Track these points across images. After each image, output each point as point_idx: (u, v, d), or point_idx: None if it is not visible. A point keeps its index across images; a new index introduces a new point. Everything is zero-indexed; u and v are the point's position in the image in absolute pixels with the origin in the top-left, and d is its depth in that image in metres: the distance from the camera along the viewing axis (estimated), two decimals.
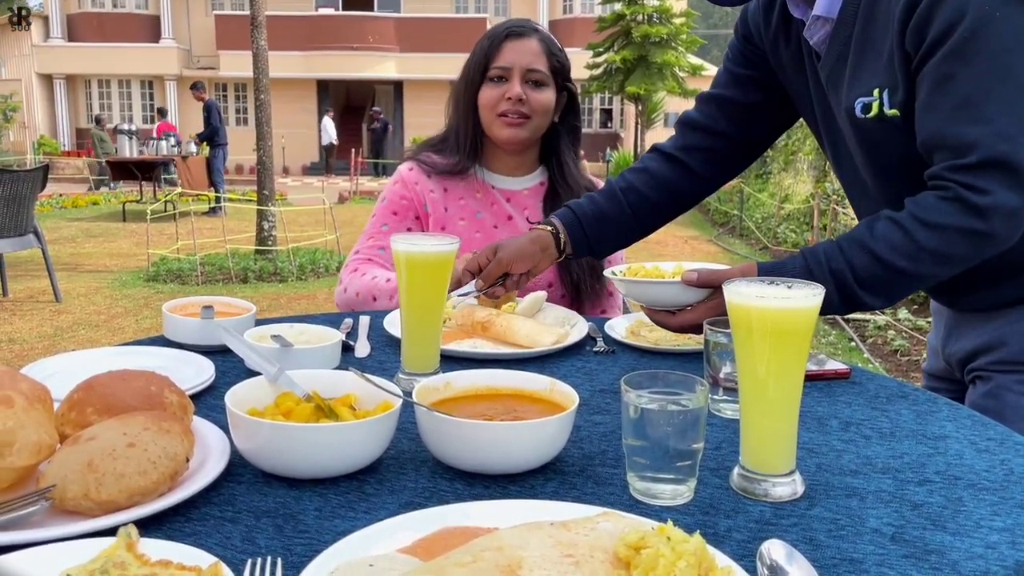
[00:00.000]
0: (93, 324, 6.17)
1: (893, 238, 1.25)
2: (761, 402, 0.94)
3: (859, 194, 1.49)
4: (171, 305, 1.44)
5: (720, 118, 1.63)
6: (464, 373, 1.10)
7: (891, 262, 1.24)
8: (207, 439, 0.98)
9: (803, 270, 1.28)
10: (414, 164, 2.01)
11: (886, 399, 1.27)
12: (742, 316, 0.92)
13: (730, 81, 1.63)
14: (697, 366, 1.42)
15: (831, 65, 1.37)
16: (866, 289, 1.27)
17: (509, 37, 1.92)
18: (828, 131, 1.47)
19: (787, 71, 1.52)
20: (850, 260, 1.26)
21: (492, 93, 1.91)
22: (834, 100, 1.39)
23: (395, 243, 1.24)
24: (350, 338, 1.52)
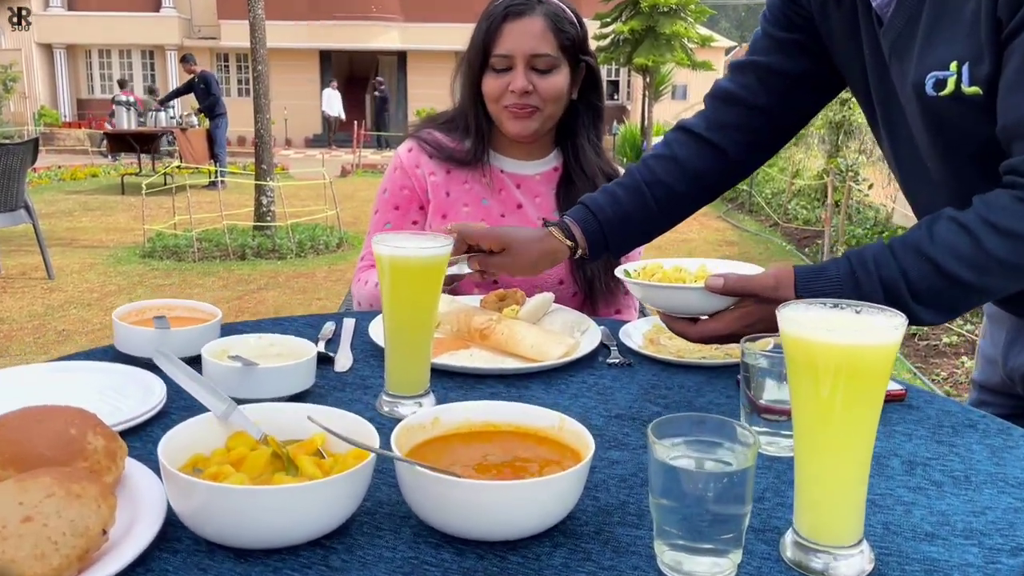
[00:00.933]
0: (85, 303, 6.00)
1: (957, 244, 1.05)
2: (823, 457, 0.75)
3: (919, 185, 1.29)
4: (122, 312, 1.26)
5: (759, 90, 1.41)
6: (456, 407, 0.92)
7: (953, 272, 1.05)
8: (140, 494, 0.80)
9: (847, 277, 1.10)
10: (414, 143, 1.81)
11: (952, 429, 1.09)
12: (801, 352, 0.73)
13: (771, 47, 1.41)
14: (728, 382, 1.24)
15: (898, 31, 1.16)
16: (922, 302, 1.08)
17: (508, 17, 1.67)
18: (885, 109, 1.26)
19: (836, 37, 1.30)
20: (904, 268, 1.07)
21: (495, 84, 1.69)
22: (897, 73, 1.18)
23: (376, 245, 1.05)
24: (331, 346, 1.34)
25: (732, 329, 1.16)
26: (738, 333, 1.15)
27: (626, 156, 17.95)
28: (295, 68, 28.13)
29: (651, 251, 1.86)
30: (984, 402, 1.52)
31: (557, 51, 1.68)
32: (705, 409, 1.14)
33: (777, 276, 1.13)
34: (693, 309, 1.20)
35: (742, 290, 1.14)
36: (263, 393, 1.08)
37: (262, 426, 0.87)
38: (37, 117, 24.93)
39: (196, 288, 6.48)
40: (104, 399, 1.05)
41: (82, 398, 1.06)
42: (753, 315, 1.15)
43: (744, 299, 1.16)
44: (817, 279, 1.11)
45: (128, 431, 0.98)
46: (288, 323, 1.45)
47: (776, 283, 1.12)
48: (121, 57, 29.34)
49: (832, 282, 1.10)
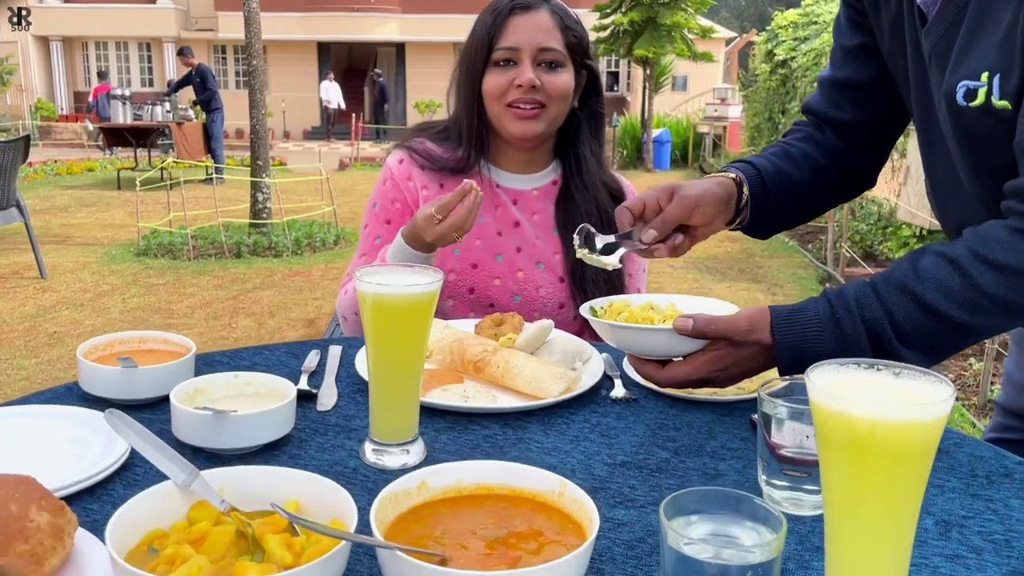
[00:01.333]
0: (77, 303, 5.91)
1: (946, 280, 0.97)
2: (859, 544, 0.66)
3: (950, 194, 1.20)
4: (89, 347, 1.17)
5: (844, 104, 1.35)
6: (446, 469, 0.83)
7: (942, 311, 0.97)
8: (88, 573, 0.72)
9: (827, 319, 1.02)
10: (404, 154, 1.70)
11: (986, 479, 1.00)
12: (834, 428, 0.64)
13: (843, 58, 1.34)
14: (741, 420, 1.15)
15: (940, 34, 1.07)
16: (908, 344, 1.00)
17: (515, 11, 1.59)
18: (922, 113, 1.18)
19: (884, 34, 1.22)
20: (889, 307, 0.99)
21: (499, 80, 1.59)
22: (935, 78, 1.10)
23: (358, 282, 0.96)
24: (315, 379, 1.25)
25: (702, 374, 1.09)
26: (708, 378, 1.09)
27: (625, 148, 17.82)
28: (293, 60, 27.96)
29: None
30: (1008, 427, 1.45)
31: (564, 48, 1.61)
32: (717, 453, 1.05)
33: (751, 318, 1.06)
34: (662, 351, 1.13)
35: (713, 333, 1.07)
36: (238, 442, 0.99)
37: (229, 492, 0.78)
38: (34, 110, 24.77)
39: (191, 288, 6.38)
40: (64, 450, 0.96)
41: (40, 450, 0.98)
42: (725, 359, 1.08)
43: (716, 341, 1.08)
44: (794, 321, 1.03)
45: (86, 491, 0.89)
46: (270, 352, 1.36)
47: (750, 325, 1.05)
48: (118, 49, 29.16)
49: (811, 324, 1.02)
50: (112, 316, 5.60)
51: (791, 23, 12.90)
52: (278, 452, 1.02)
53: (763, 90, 13.89)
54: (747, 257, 7.90)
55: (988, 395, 4.18)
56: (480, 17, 1.64)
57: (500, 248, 1.65)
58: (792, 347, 1.03)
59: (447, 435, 1.09)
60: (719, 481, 0.98)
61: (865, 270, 6.84)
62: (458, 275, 1.63)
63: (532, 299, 1.63)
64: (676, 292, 6.52)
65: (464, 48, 1.66)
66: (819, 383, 0.65)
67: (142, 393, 1.10)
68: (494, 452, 1.05)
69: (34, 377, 4.42)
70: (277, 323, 5.50)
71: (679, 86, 24.66)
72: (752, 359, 1.07)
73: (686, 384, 1.12)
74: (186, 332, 5.20)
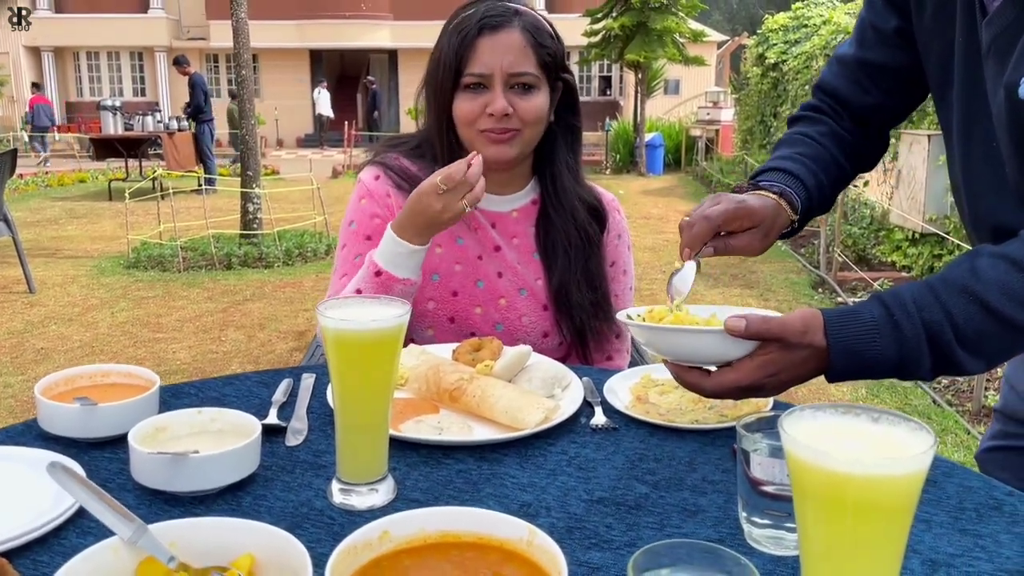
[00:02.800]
0: (66, 318, 5.86)
1: (1009, 281, 0.94)
2: None
3: (988, 191, 1.16)
4: (48, 383, 1.13)
5: (869, 85, 1.33)
6: (408, 517, 0.79)
7: (1006, 313, 0.94)
8: None
9: (884, 320, 0.96)
10: (379, 171, 1.62)
11: (975, 512, 0.96)
12: (809, 480, 0.61)
13: (874, 39, 1.31)
14: (723, 451, 1.12)
15: (1004, 25, 1.04)
16: (968, 348, 0.96)
17: (483, 31, 1.50)
18: (967, 105, 1.15)
19: (925, 15, 1.19)
20: (949, 310, 0.95)
21: (470, 107, 1.51)
22: (993, 69, 1.07)
23: (321, 316, 0.92)
24: (284, 412, 1.21)
25: (753, 379, 1.01)
26: (759, 384, 1.02)
27: (618, 153, 17.81)
28: (285, 68, 27.94)
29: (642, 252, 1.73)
30: (1009, 433, 1.41)
31: (537, 69, 1.52)
32: (698, 487, 1.02)
33: (805, 319, 0.99)
34: (706, 356, 1.05)
35: (767, 334, 0.99)
36: (199, 484, 0.95)
37: (179, 547, 0.74)
38: (24, 121, 24.70)
39: (180, 300, 6.34)
40: (16, 496, 0.93)
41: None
42: (777, 363, 1.00)
43: (765, 344, 1.01)
44: (849, 323, 0.98)
45: (35, 542, 0.86)
46: (239, 382, 1.32)
47: (804, 326, 0.98)
48: (110, 59, 29.12)
49: (867, 326, 0.96)
50: (100, 331, 5.55)
51: (782, 26, 12.92)
52: (241, 493, 0.98)
53: (755, 93, 13.90)
54: (740, 262, 7.87)
55: (983, 401, 4.16)
56: (446, 34, 1.55)
57: (481, 274, 1.59)
58: (847, 350, 0.97)
59: (419, 471, 1.06)
60: (699, 519, 0.95)
61: (858, 274, 6.82)
62: (437, 303, 1.57)
63: (515, 328, 1.58)
64: None
65: (430, 67, 1.57)
66: (792, 431, 0.62)
67: (102, 431, 1.06)
68: (467, 488, 1.01)
69: (20, 395, 4.37)
70: (267, 335, 5.46)
71: (671, 90, 24.67)
72: (804, 363, 1.00)
73: (735, 392, 1.04)
74: (175, 346, 5.18)
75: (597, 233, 1.64)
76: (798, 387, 4.23)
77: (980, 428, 3.91)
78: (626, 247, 1.71)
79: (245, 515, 0.91)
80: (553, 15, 20.75)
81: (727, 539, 0.90)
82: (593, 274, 1.62)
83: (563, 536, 0.90)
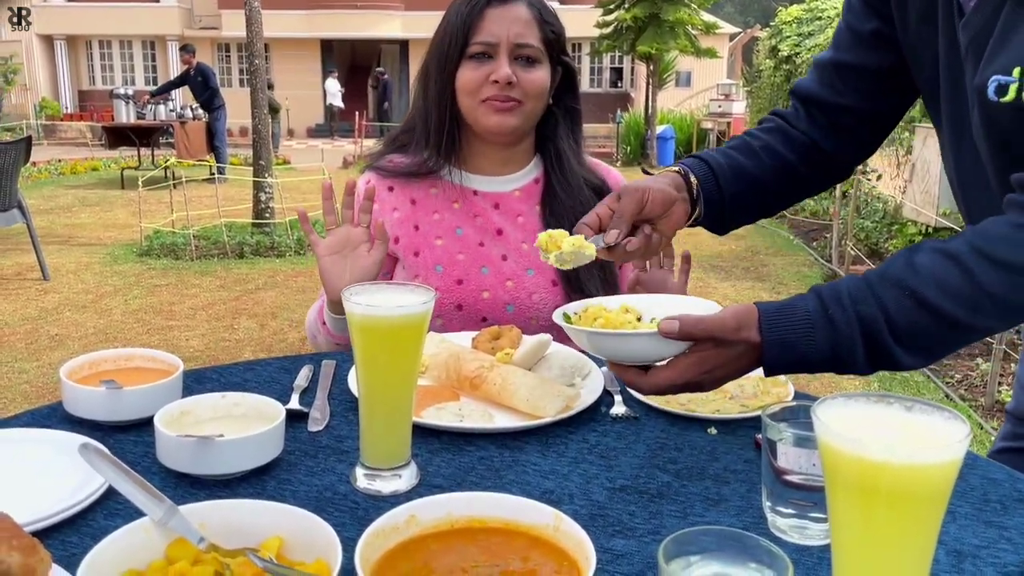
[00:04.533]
0: (80, 305, 5.89)
1: (945, 277, 0.93)
2: None
3: (977, 192, 1.16)
4: (73, 366, 1.13)
5: (844, 89, 1.31)
6: (435, 502, 0.79)
7: (941, 308, 0.93)
8: None
9: (819, 315, 0.96)
10: (372, 175, 1.65)
11: (1000, 505, 0.96)
12: (842, 468, 0.61)
13: (853, 41, 1.29)
14: (745, 440, 1.12)
15: (979, 26, 1.03)
16: (903, 344, 0.95)
17: (492, 2, 1.55)
18: (953, 108, 1.14)
19: (910, 23, 1.18)
20: (884, 304, 0.94)
21: (474, 75, 1.54)
22: (969, 70, 1.06)
23: (346, 301, 0.92)
24: (306, 398, 1.21)
25: (688, 377, 1.02)
26: (695, 381, 1.03)
27: (629, 145, 17.75)
28: (296, 58, 27.93)
29: None
30: (1019, 435, 1.41)
31: (540, 44, 1.56)
32: (721, 476, 1.02)
33: (738, 315, 0.99)
34: (643, 356, 1.05)
35: (701, 333, 0.99)
36: (224, 468, 0.96)
37: (209, 528, 0.75)
38: (38, 109, 24.79)
39: (193, 289, 6.36)
40: (43, 479, 0.93)
41: (19, 478, 0.95)
42: (711, 360, 1.01)
43: (700, 342, 1.01)
44: (784, 318, 0.97)
45: (65, 522, 0.86)
46: (261, 368, 1.33)
47: (737, 323, 0.99)
48: (122, 48, 29.16)
49: (801, 321, 0.96)
50: (114, 318, 5.58)
51: (795, 18, 12.83)
52: (266, 477, 0.99)
53: (767, 86, 13.82)
54: (751, 255, 7.85)
55: (996, 396, 4.14)
56: (454, 7, 1.58)
57: (484, 259, 1.60)
58: (781, 345, 0.97)
59: (441, 457, 1.06)
60: (722, 508, 0.95)
61: (870, 268, 6.80)
62: (444, 293, 1.58)
63: (526, 307, 1.59)
64: None
65: (435, 39, 1.61)
66: (825, 418, 0.61)
67: (127, 415, 1.07)
68: (489, 475, 1.02)
69: (35, 380, 4.40)
70: (279, 324, 5.47)
71: (683, 82, 24.55)
72: (739, 359, 1.01)
73: (672, 390, 1.05)
74: (188, 334, 5.20)
75: None
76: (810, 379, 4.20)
77: (993, 423, 3.90)
78: None
79: (270, 499, 0.91)
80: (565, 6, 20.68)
81: (751, 528, 0.90)
82: None
83: (586, 523, 0.90)
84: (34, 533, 0.79)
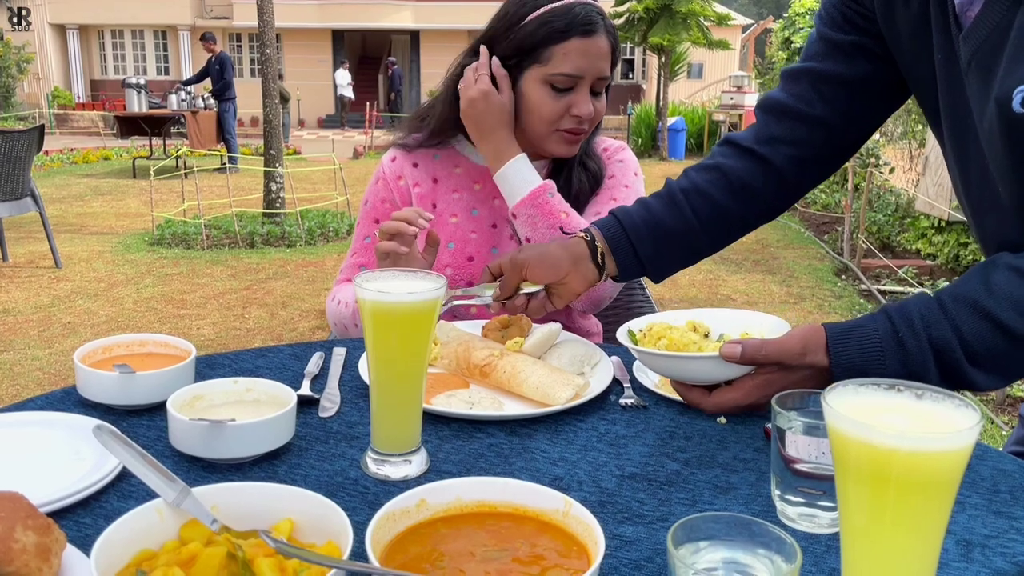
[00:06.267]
0: (92, 293, 5.93)
1: (1022, 298, 0.92)
2: (877, 570, 0.63)
3: (988, 209, 1.13)
4: (87, 351, 1.14)
5: (814, 99, 1.25)
6: (446, 486, 0.80)
7: (1017, 330, 0.91)
8: None
9: (890, 338, 0.96)
10: (397, 152, 1.67)
11: (1009, 495, 0.96)
12: (852, 455, 0.61)
13: (827, 51, 1.24)
14: (754, 430, 1.11)
15: (982, 39, 1.00)
16: (979, 365, 0.94)
17: (577, 34, 1.48)
18: (954, 123, 1.11)
19: (902, 39, 1.15)
20: (958, 326, 0.93)
21: (555, 106, 1.51)
22: (976, 85, 1.03)
23: (357, 289, 0.93)
24: (317, 384, 1.22)
25: (752, 399, 1.04)
26: (758, 404, 1.04)
27: (640, 137, 17.70)
28: (307, 48, 27.96)
29: None
30: None
31: (610, 71, 1.56)
32: (730, 465, 1.02)
33: (805, 339, 1.00)
34: (709, 378, 1.08)
35: (763, 359, 1.01)
36: (236, 452, 0.96)
37: (221, 510, 0.76)
38: (51, 98, 24.89)
39: (204, 278, 6.39)
40: (57, 461, 0.94)
41: (33, 460, 0.96)
42: (775, 384, 1.02)
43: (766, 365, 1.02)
44: (853, 341, 0.98)
45: (79, 503, 0.87)
46: (273, 354, 1.34)
47: (803, 348, 0.99)
48: (134, 37, 29.25)
49: (871, 344, 0.96)
50: (126, 306, 5.62)
51: (808, 10, 12.75)
52: (277, 462, 1.00)
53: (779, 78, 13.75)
54: (762, 248, 7.82)
55: (1007, 390, 4.12)
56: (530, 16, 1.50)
57: (495, 241, 1.62)
58: (851, 369, 0.97)
59: (451, 443, 1.06)
60: (731, 496, 0.95)
61: (882, 261, 6.76)
62: (455, 270, 1.61)
63: None
64: (689, 284, 6.48)
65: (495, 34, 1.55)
66: (836, 406, 0.62)
67: (140, 399, 1.08)
68: (499, 462, 1.02)
69: (48, 368, 4.44)
70: (289, 314, 5.50)
71: (695, 74, 24.47)
72: (805, 381, 1.01)
73: (736, 411, 1.07)
74: (199, 323, 5.23)
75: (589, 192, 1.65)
76: None
77: (1004, 417, 3.88)
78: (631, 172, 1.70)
79: (281, 483, 0.91)
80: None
81: (759, 516, 0.90)
82: None
83: (595, 510, 0.90)
84: (49, 514, 0.80)
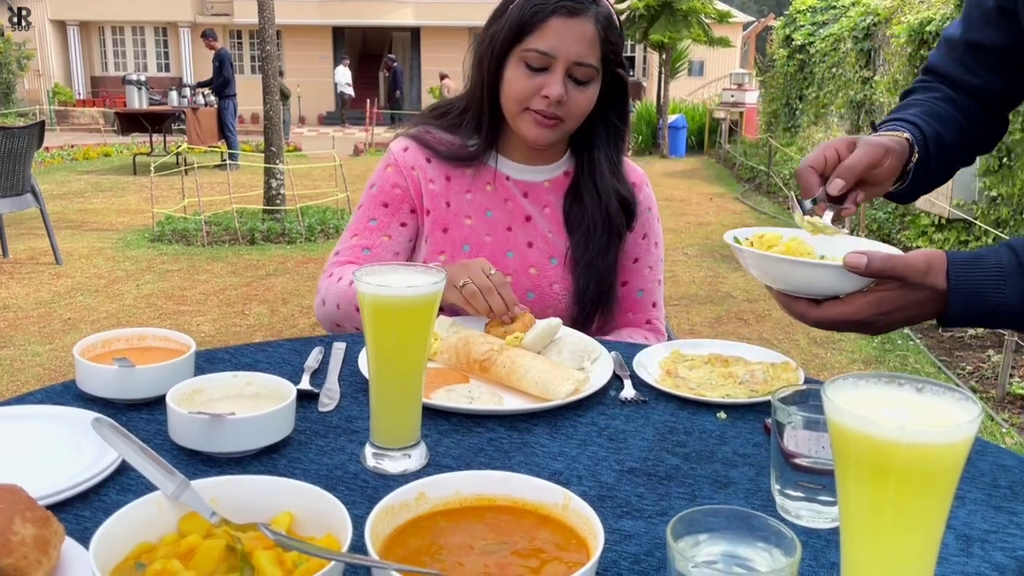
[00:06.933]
0: (92, 289, 5.92)
1: None
2: (877, 564, 0.63)
3: None
4: (86, 344, 1.14)
5: (976, 68, 1.26)
6: (445, 480, 0.80)
7: None
8: None
9: (1013, 268, 0.94)
10: (410, 143, 1.63)
11: (1009, 490, 0.96)
12: (852, 448, 0.60)
13: (981, 19, 1.24)
14: (754, 424, 1.12)
15: None
16: None
17: (558, 13, 1.45)
18: None
19: None
20: None
21: (525, 84, 1.48)
22: None
23: (358, 281, 0.93)
24: (317, 379, 1.22)
25: (865, 315, 0.99)
26: (870, 321, 1.00)
27: (641, 134, 17.68)
28: (308, 45, 27.92)
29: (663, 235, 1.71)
30: None
31: (598, 62, 1.50)
32: (729, 460, 1.02)
33: (929, 259, 0.97)
34: (819, 289, 1.02)
35: (889, 272, 0.96)
36: (236, 445, 0.96)
37: (220, 503, 0.76)
38: (51, 95, 24.87)
39: (204, 274, 6.39)
40: (57, 454, 0.94)
41: (33, 453, 0.96)
42: (891, 301, 0.98)
43: (885, 282, 0.98)
44: (974, 267, 0.95)
45: (78, 496, 0.87)
46: (272, 349, 1.34)
47: (927, 267, 0.96)
48: (134, 34, 29.21)
49: (992, 272, 0.94)
50: (126, 302, 5.61)
51: (809, 8, 12.73)
52: (276, 455, 1.00)
53: (780, 76, 13.74)
54: None
55: (1007, 387, 4.12)
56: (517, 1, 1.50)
57: (511, 244, 1.59)
58: (969, 294, 0.95)
59: (451, 438, 1.06)
60: (731, 490, 0.95)
61: None
62: None
63: (546, 295, 1.59)
64: (690, 281, 6.48)
65: (490, 22, 1.54)
66: (836, 398, 0.61)
67: (139, 393, 1.08)
68: (498, 456, 1.02)
69: (48, 363, 4.44)
70: (290, 310, 5.49)
71: (695, 71, 24.44)
72: (921, 304, 0.98)
73: (843, 326, 1.02)
74: (199, 319, 5.23)
75: (624, 226, 1.62)
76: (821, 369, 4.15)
77: (1004, 415, 3.88)
78: (655, 219, 1.70)
79: (280, 477, 0.92)
80: None
81: (759, 510, 0.90)
82: (609, 266, 1.60)
83: (595, 504, 0.90)
84: (48, 506, 0.80)
